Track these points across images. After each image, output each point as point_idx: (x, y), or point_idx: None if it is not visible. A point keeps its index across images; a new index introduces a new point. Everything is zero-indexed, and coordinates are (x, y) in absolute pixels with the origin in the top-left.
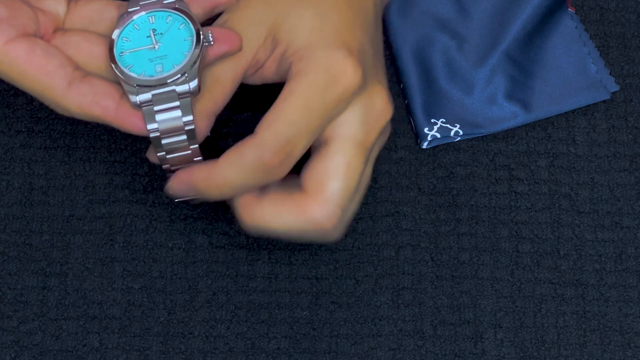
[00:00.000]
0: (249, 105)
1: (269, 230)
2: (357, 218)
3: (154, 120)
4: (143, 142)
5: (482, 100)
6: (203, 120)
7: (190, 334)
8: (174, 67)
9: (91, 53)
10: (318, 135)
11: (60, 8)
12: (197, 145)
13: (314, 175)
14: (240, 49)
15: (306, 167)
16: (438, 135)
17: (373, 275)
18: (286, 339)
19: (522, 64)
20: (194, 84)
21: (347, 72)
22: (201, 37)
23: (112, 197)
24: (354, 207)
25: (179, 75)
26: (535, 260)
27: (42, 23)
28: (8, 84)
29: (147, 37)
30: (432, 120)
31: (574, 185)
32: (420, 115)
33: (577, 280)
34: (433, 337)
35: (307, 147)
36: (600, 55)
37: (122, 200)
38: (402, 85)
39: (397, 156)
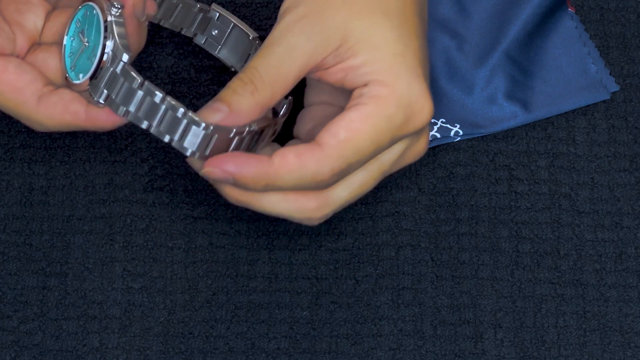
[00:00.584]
0: None
1: (256, 209)
2: (357, 218)
3: (118, 107)
4: (143, 142)
5: (482, 100)
6: (257, 112)
7: (190, 334)
8: (96, 56)
9: (57, 68)
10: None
11: (38, 22)
12: (164, 97)
13: (339, 131)
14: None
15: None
16: (438, 135)
17: (373, 275)
18: (286, 339)
19: (522, 64)
20: (126, 56)
21: (425, 111)
22: (109, 13)
23: (112, 197)
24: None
25: (104, 45)
26: (535, 260)
27: (18, 41)
28: None
29: (80, 33)
30: (432, 120)
31: (574, 185)
32: None
33: (577, 280)
34: (433, 337)
35: (356, 169)
36: (600, 55)
37: (122, 200)
38: None
39: None
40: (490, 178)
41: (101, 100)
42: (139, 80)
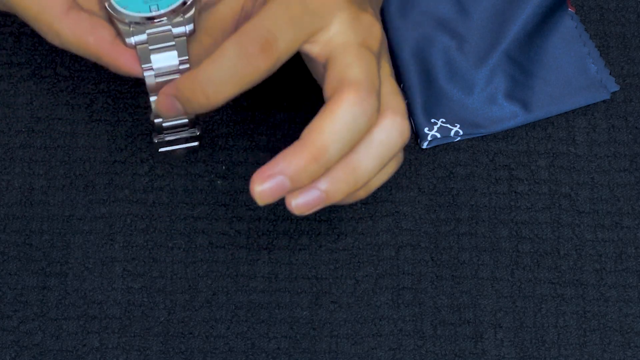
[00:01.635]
0: (249, 105)
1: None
2: (357, 218)
3: (148, 60)
4: (143, 141)
5: (482, 100)
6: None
7: (190, 334)
8: (170, 5)
9: None
10: (304, 36)
11: None
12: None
13: (331, 83)
14: None
15: (324, 86)
16: (438, 135)
17: (373, 275)
18: (286, 339)
19: (522, 64)
20: (190, 27)
21: (371, 21)
22: None
23: (112, 197)
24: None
25: (175, 14)
26: (535, 260)
27: None
28: (8, 84)
29: None
30: (432, 120)
31: (574, 185)
32: (420, 115)
33: (577, 280)
34: (433, 337)
35: (294, 45)
36: (600, 55)
37: (122, 200)
38: (402, 85)
39: None
40: (490, 178)
41: (133, 42)
42: (186, 58)
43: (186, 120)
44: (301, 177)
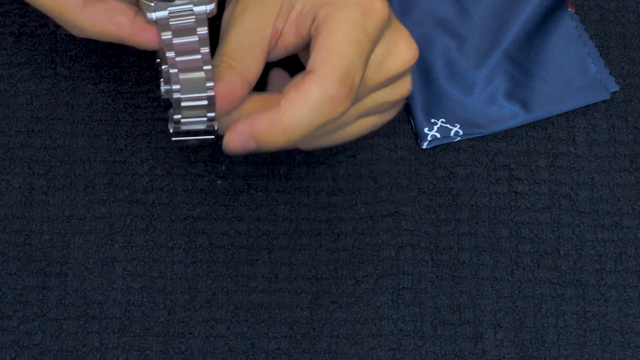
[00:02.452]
0: None
1: (299, 133)
2: (357, 218)
3: (168, 29)
4: (143, 142)
5: (482, 100)
6: (244, 86)
7: (190, 334)
8: None
9: None
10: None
11: None
12: (208, 52)
13: (316, 58)
14: None
15: (310, 51)
16: (438, 135)
17: (373, 275)
18: (286, 339)
19: (522, 64)
20: (211, 6)
21: (376, 4)
22: None
23: (112, 197)
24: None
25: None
26: (535, 260)
27: None
28: (8, 84)
29: None
30: (432, 120)
31: (574, 185)
32: (420, 115)
33: (577, 280)
34: (433, 337)
35: (362, 79)
36: (600, 55)
37: (122, 200)
38: None
39: (397, 156)
40: (490, 178)
41: (154, 18)
42: (205, 32)
43: (207, 104)
44: (268, 140)
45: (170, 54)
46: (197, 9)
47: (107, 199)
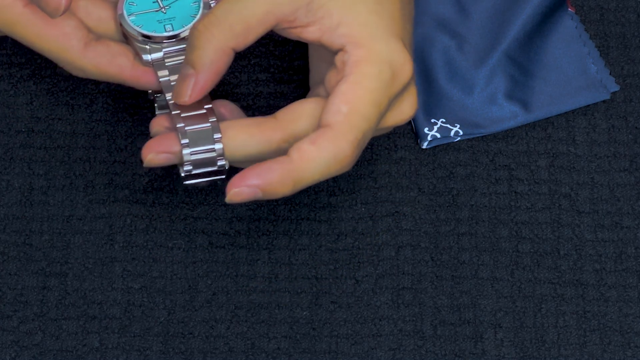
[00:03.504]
0: (250, 106)
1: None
2: (357, 218)
3: (164, 68)
4: (143, 142)
5: (482, 100)
6: (219, 56)
7: (190, 334)
8: (184, 26)
9: (100, 17)
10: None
11: None
12: (209, 97)
13: (340, 109)
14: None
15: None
16: (438, 135)
17: (373, 275)
18: (286, 339)
19: (522, 64)
20: None
21: (406, 65)
22: (209, 1)
23: (112, 197)
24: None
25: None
26: (535, 260)
27: None
28: (8, 84)
29: (154, 2)
30: (432, 120)
31: (574, 185)
32: (420, 115)
33: (577, 280)
34: (433, 337)
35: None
36: (600, 55)
37: (122, 200)
38: None
39: (397, 156)
40: (490, 178)
41: (150, 59)
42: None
43: (213, 146)
44: (276, 191)
45: (169, 97)
46: None
47: (107, 199)
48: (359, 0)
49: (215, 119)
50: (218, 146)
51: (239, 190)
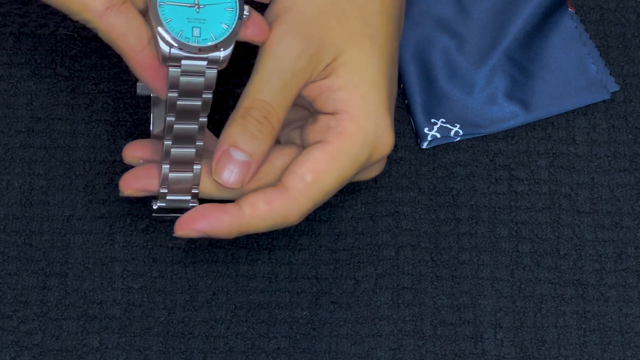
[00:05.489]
0: None
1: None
2: (357, 218)
3: (176, 86)
4: None
5: (482, 100)
6: (271, 146)
7: (190, 334)
8: (212, 37)
9: None
10: None
11: None
12: (202, 145)
13: (304, 176)
14: (265, 39)
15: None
16: (438, 135)
17: (373, 275)
18: (286, 339)
19: (522, 64)
20: (225, 53)
21: (387, 146)
22: (243, 11)
23: (112, 197)
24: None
25: (216, 47)
26: (535, 260)
27: None
28: (8, 84)
29: None
30: (432, 120)
31: (574, 185)
32: (420, 115)
33: (577, 280)
34: (433, 337)
35: None
36: (600, 55)
37: (122, 200)
38: (402, 85)
39: (397, 156)
40: (490, 178)
41: (168, 53)
42: (209, 96)
43: (189, 198)
44: (221, 236)
45: (171, 118)
46: (211, 55)
47: (107, 199)
48: (367, 70)
49: (199, 165)
50: (194, 191)
51: (185, 233)
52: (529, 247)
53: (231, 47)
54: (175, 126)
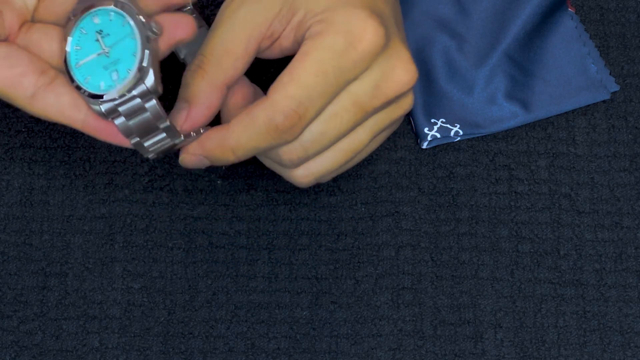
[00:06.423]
0: None
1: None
2: (357, 218)
3: (131, 133)
4: None
5: (482, 100)
6: (213, 93)
7: (190, 334)
8: (129, 72)
9: (53, 52)
10: (334, 97)
11: (29, 1)
12: (169, 126)
13: (282, 79)
14: (194, 32)
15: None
16: (438, 135)
17: (373, 275)
18: (286, 339)
19: (522, 64)
20: (149, 81)
21: (367, 32)
22: (146, 33)
23: (112, 197)
24: (330, 164)
25: (136, 82)
26: (535, 260)
27: (7, 21)
28: None
29: (96, 40)
30: (432, 120)
31: (574, 185)
32: (420, 115)
33: (577, 280)
34: (433, 337)
35: (322, 110)
36: (600, 55)
37: (122, 200)
38: None
39: (397, 156)
40: (490, 178)
41: (103, 110)
42: (167, 124)
43: (164, 135)
44: (217, 157)
45: (134, 141)
46: (136, 91)
47: (107, 199)
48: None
49: (153, 101)
50: (163, 125)
51: (184, 158)
52: (529, 247)
53: (151, 72)
54: (144, 144)
